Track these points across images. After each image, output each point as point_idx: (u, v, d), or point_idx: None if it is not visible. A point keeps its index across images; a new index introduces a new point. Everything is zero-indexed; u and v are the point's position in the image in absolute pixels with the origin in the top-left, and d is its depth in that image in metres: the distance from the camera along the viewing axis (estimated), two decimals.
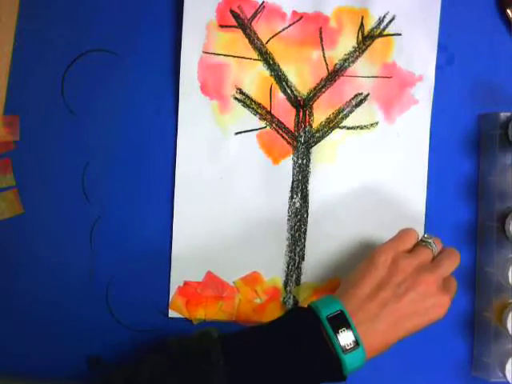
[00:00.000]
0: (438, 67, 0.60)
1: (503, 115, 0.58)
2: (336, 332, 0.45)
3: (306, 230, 0.60)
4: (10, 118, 0.60)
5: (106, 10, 0.60)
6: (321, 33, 0.60)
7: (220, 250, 0.60)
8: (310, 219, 0.60)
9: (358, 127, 0.60)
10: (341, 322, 0.46)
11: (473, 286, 0.61)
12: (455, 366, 0.61)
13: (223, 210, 0.60)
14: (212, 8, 0.59)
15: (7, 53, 0.60)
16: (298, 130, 0.60)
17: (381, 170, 0.60)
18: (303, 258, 0.60)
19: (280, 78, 0.60)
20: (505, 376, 0.57)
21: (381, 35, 0.60)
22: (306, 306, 0.49)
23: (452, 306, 0.60)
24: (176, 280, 0.60)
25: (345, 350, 0.45)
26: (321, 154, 0.60)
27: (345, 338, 0.45)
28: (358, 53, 0.60)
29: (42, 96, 0.60)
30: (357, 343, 0.45)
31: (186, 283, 0.60)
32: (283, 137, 0.60)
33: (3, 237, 0.60)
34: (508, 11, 0.60)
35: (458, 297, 0.60)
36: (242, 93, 0.60)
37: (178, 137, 0.60)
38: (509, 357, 0.57)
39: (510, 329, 0.56)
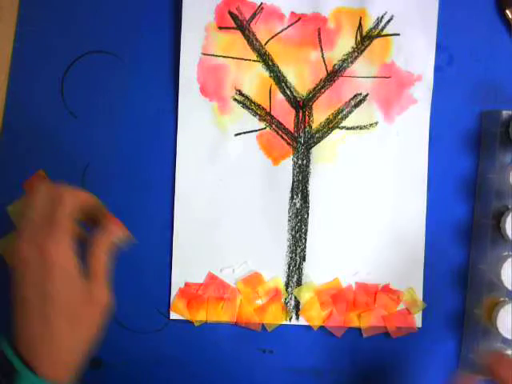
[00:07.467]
0: (438, 68, 0.60)
1: (505, 113, 0.58)
2: None
3: (306, 230, 0.60)
4: None
5: (105, 12, 0.60)
6: (319, 34, 0.60)
7: (221, 251, 0.60)
8: (310, 219, 0.60)
9: (357, 127, 0.60)
10: None
11: (465, 282, 0.61)
12: (443, 363, 0.61)
13: (224, 211, 0.60)
14: (211, 9, 0.59)
15: (7, 53, 0.60)
16: (297, 130, 0.60)
17: (381, 170, 0.60)
18: (304, 259, 0.60)
19: (279, 79, 0.60)
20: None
21: (379, 35, 0.60)
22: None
23: (443, 303, 0.60)
24: (177, 281, 0.60)
25: None
26: (321, 154, 0.60)
27: None
28: (356, 53, 0.60)
29: (42, 97, 0.60)
30: None
31: (187, 284, 0.60)
32: (283, 137, 0.60)
33: None
34: (507, 11, 0.60)
35: (449, 293, 0.61)
36: (241, 94, 0.60)
37: (177, 139, 0.60)
38: None
39: (499, 327, 0.56)
